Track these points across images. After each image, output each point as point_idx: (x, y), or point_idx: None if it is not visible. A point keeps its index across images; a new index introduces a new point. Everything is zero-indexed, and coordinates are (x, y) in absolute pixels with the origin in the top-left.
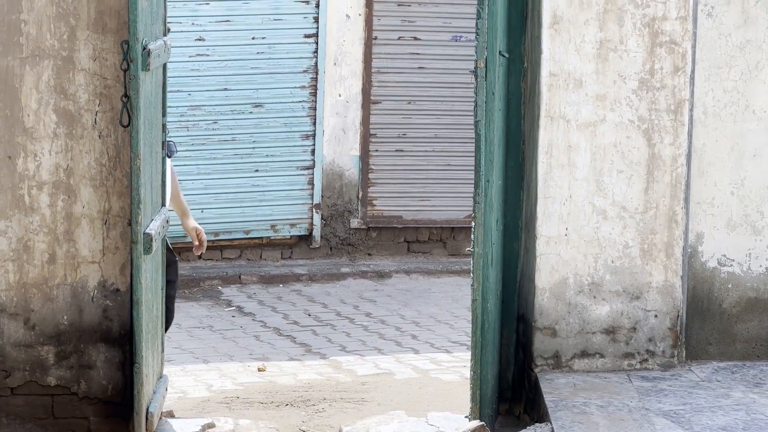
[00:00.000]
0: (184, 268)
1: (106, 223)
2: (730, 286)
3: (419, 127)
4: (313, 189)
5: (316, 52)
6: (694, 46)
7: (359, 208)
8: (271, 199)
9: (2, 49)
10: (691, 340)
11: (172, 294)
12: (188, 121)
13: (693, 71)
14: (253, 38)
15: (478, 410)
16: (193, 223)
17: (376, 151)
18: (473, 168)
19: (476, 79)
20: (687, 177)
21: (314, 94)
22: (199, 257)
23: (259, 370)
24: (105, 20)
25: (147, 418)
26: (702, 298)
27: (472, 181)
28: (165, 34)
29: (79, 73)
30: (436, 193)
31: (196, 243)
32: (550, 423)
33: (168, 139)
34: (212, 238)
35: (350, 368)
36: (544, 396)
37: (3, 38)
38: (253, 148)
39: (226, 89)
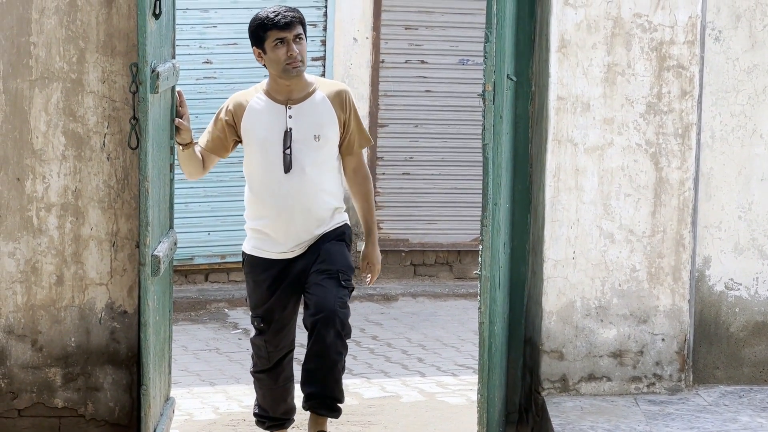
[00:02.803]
0: (190, 291)
1: (114, 245)
2: (737, 310)
3: (426, 151)
4: None
5: (323, 75)
6: (701, 71)
7: None
8: None
9: (12, 72)
10: (698, 364)
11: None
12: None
13: (700, 95)
14: None
15: None
16: (369, 249)
17: (383, 174)
18: (480, 191)
19: (484, 102)
20: (694, 201)
21: None
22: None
23: None
24: (114, 43)
25: None
26: (709, 322)
27: (479, 205)
28: (173, 57)
29: (88, 95)
30: (443, 216)
31: (363, 274)
32: None
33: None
34: (219, 260)
35: (356, 391)
36: (551, 419)
37: (12, 61)
38: None
39: None
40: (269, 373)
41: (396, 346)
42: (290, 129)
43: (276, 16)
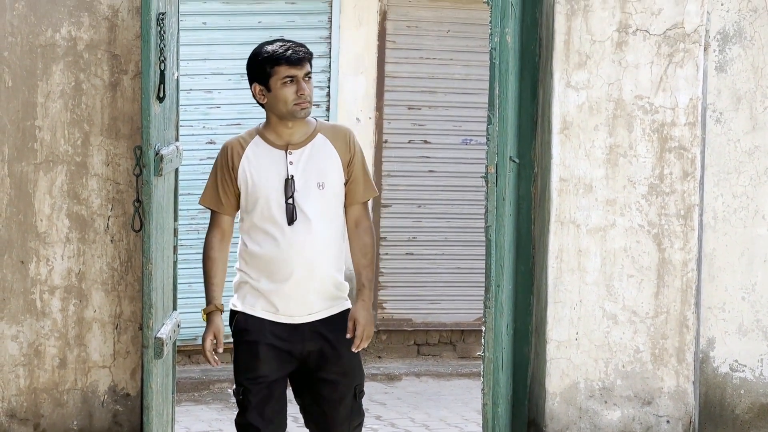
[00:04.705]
0: (193, 371)
1: (117, 328)
2: (742, 392)
3: (429, 231)
4: None
5: None
6: (703, 152)
7: None
8: None
9: (17, 155)
10: None
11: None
12: (199, 224)
13: (702, 176)
14: None
15: None
16: (357, 307)
17: (387, 254)
18: (483, 271)
19: (487, 184)
20: (697, 282)
21: None
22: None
23: None
24: (118, 126)
25: None
26: (714, 403)
27: (482, 284)
28: (177, 139)
29: (92, 178)
30: (446, 296)
31: (349, 335)
32: None
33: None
34: (224, 340)
35: None
36: None
37: (18, 144)
38: None
39: None
40: None
41: (400, 426)
42: (292, 176)
43: (287, 50)
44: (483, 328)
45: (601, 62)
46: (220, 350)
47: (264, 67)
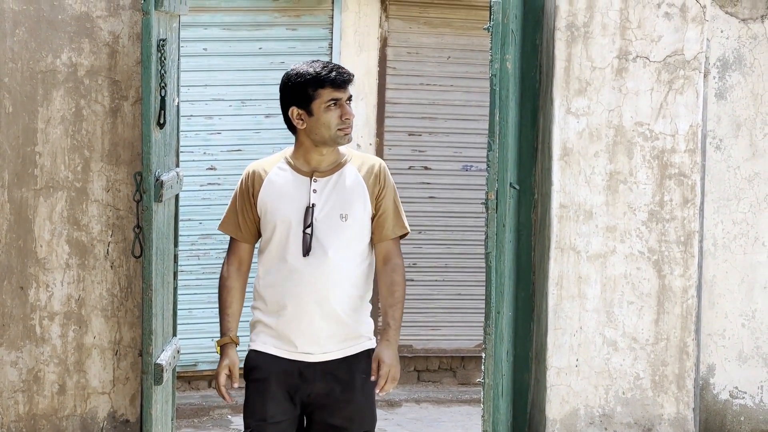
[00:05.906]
0: (193, 397)
1: (116, 354)
2: (742, 418)
3: (429, 257)
4: None
5: None
6: (703, 179)
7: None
8: None
9: (17, 181)
10: None
11: None
12: (199, 249)
13: (702, 203)
14: None
15: None
16: (382, 347)
17: None
18: (483, 297)
19: (487, 210)
20: (697, 308)
21: None
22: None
23: None
24: (119, 152)
25: None
26: (714, 430)
27: (482, 311)
28: (177, 165)
29: (92, 204)
30: (446, 322)
31: (373, 377)
32: None
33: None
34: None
35: None
36: None
37: (18, 170)
38: None
39: None
40: None
41: None
42: (313, 205)
43: (331, 71)
44: (483, 355)
45: (601, 89)
46: (236, 386)
47: (306, 89)
